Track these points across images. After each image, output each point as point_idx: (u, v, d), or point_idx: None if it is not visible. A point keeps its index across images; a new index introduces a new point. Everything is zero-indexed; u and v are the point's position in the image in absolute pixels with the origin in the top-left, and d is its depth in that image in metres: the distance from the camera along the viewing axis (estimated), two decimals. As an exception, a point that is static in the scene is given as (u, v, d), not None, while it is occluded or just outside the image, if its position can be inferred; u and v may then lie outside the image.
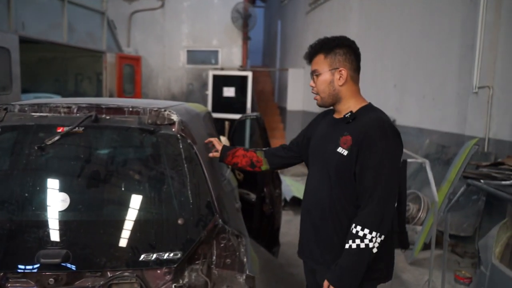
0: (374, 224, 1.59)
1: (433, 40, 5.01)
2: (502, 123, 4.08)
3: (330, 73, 1.74)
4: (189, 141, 1.84)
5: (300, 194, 5.94)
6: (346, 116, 1.73)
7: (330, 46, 1.76)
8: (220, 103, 9.94)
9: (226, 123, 9.22)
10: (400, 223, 3.95)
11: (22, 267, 1.62)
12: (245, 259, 1.78)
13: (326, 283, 1.66)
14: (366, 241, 1.58)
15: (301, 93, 10.34)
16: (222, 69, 10.69)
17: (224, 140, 3.58)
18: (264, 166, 2.05)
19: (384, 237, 1.62)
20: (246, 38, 11.12)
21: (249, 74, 9.98)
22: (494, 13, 4.10)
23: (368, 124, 1.65)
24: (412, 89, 5.44)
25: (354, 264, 1.61)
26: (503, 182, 3.16)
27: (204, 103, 9.58)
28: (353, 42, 1.80)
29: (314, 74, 1.79)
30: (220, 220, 1.77)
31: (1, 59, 5.55)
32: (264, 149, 2.11)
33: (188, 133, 1.87)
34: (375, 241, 1.58)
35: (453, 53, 4.66)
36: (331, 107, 1.85)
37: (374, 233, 1.58)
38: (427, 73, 5.14)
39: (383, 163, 1.61)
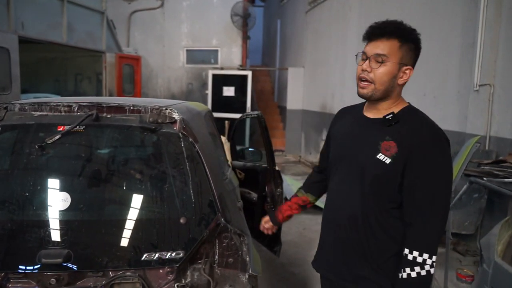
0: (433, 247, 1.42)
1: (433, 38, 5.00)
2: (503, 121, 4.07)
3: (397, 66, 1.48)
4: (190, 139, 1.83)
5: (300, 193, 5.92)
6: (387, 118, 1.51)
7: (407, 35, 1.49)
8: (220, 103, 9.94)
9: (226, 122, 9.21)
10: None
11: (23, 267, 1.61)
12: (247, 258, 1.77)
13: None
14: (427, 267, 1.41)
15: (301, 92, 10.33)
16: (221, 68, 10.68)
17: (223, 139, 3.56)
18: (312, 199, 1.96)
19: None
20: (245, 38, 11.11)
21: (249, 74, 9.97)
22: (495, 11, 4.09)
23: (418, 131, 1.45)
24: (413, 87, 5.43)
25: None
26: (506, 180, 3.16)
27: (204, 102, 9.56)
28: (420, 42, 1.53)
29: (379, 57, 1.47)
30: (222, 219, 1.75)
31: (1, 59, 5.53)
32: (301, 186, 1.99)
33: (189, 131, 1.85)
34: (433, 264, 1.42)
35: (454, 51, 4.65)
36: (360, 105, 1.66)
37: (434, 257, 1.42)
38: (427, 72, 5.13)
39: (440, 179, 1.43)
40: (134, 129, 1.86)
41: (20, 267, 1.61)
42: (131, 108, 1.90)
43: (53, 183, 1.77)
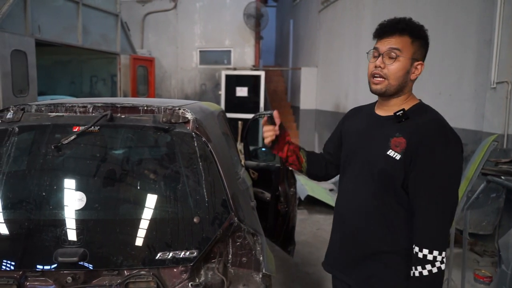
0: (441, 243, 1.41)
1: (448, 35, 4.93)
2: (522, 119, 3.99)
3: (410, 61, 1.49)
4: (203, 139, 1.84)
5: (314, 193, 5.90)
6: (397, 114, 1.52)
7: (418, 32, 1.50)
8: (233, 103, 9.96)
9: (239, 123, 9.22)
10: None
11: (41, 266, 1.64)
12: (261, 258, 1.77)
13: None
14: (438, 263, 1.40)
15: (314, 92, 10.29)
16: (234, 69, 10.70)
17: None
18: (304, 159, 1.81)
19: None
20: (258, 38, 11.11)
21: (262, 74, 9.97)
22: (512, 6, 4.01)
23: (425, 127, 1.46)
24: (428, 86, 5.36)
25: None
26: (524, 179, 3.09)
27: (217, 103, 9.59)
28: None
29: (392, 53, 1.49)
30: (235, 218, 1.76)
31: (18, 62, 5.64)
32: (307, 151, 1.87)
33: (202, 131, 1.86)
34: (443, 260, 1.42)
35: (470, 49, 4.57)
36: (372, 103, 1.68)
37: (444, 253, 1.41)
38: (443, 70, 5.06)
39: (445, 174, 1.42)
40: (148, 129, 1.87)
41: (38, 266, 1.64)
42: (145, 108, 1.92)
43: (69, 183, 1.79)
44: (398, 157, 1.46)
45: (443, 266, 1.41)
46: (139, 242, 1.69)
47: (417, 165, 1.44)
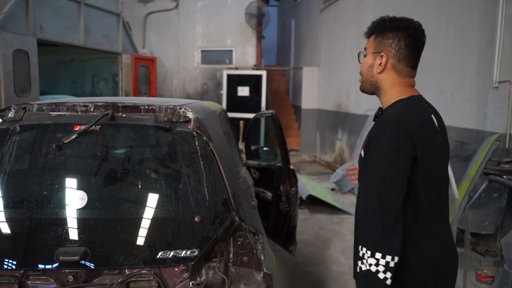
0: (369, 242, 1.31)
1: (450, 34, 4.92)
2: (524, 118, 3.98)
3: (373, 56, 1.54)
4: (205, 138, 1.84)
5: (315, 192, 5.90)
6: (376, 113, 1.57)
7: (384, 27, 1.52)
8: (235, 103, 9.96)
9: (241, 122, 9.22)
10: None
11: (42, 264, 1.64)
12: (262, 257, 1.77)
13: None
14: (365, 262, 1.31)
15: (316, 92, 10.28)
16: (236, 68, 10.70)
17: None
18: None
19: (398, 263, 1.31)
20: (260, 37, 11.10)
21: (264, 73, 9.97)
22: (515, 5, 4.00)
23: (376, 123, 1.47)
24: (430, 85, 5.35)
25: None
26: (526, 179, 3.08)
27: (219, 102, 9.59)
28: (415, 29, 1.50)
29: (361, 54, 1.60)
30: (236, 218, 1.75)
31: (20, 61, 5.65)
32: None
33: (203, 130, 1.86)
34: (379, 264, 1.28)
35: (472, 48, 4.56)
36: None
37: (377, 255, 1.29)
38: (444, 69, 5.05)
39: (374, 165, 1.37)
40: (149, 128, 1.87)
41: (39, 264, 1.64)
42: (146, 107, 1.92)
43: (70, 182, 1.79)
44: (363, 154, 1.49)
45: (373, 269, 1.29)
46: (140, 241, 1.70)
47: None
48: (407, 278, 1.38)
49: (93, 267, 1.64)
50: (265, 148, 3.60)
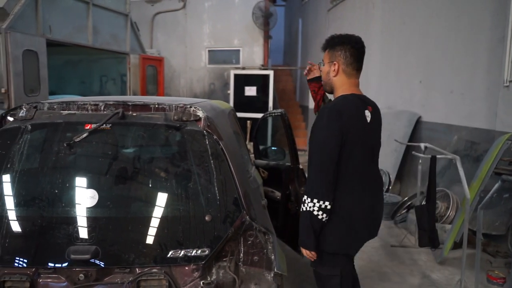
0: (310, 191, 1.90)
1: (460, 33, 4.87)
2: (536, 117, 3.93)
3: (328, 65, 2.11)
4: (215, 137, 1.83)
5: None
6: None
7: (333, 43, 2.10)
8: (242, 102, 9.95)
9: (248, 122, 9.21)
10: (429, 221, 3.86)
11: (53, 263, 1.64)
12: (272, 257, 1.76)
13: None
14: (305, 205, 1.90)
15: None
16: (243, 68, 10.70)
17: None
18: None
19: (330, 207, 1.88)
20: (267, 37, 11.09)
21: (271, 73, 9.95)
22: (526, 4, 3.95)
23: (320, 110, 2.06)
24: (439, 84, 5.30)
25: (301, 225, 1.95)
26: (539, 179, 3.04)
27: (226, 102, 9.58)
28: (356, 42, 2.08)
29: (321, 63, 2.19)
30: (247, 217, 1.75)
31: (30, 61, 5.69)
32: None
33: (214, 129, 1.85)
34: (315, 206, 1.88)
35: (482, 47, 4.51)
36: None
37: (309, 199, 1.89)
38: (454, 68, 5.00)
39: (313, 139, 1.95)
40: (159, 127, 1.87)
41: (50, 263, 1.64)
42: (156, 106, 1.91)
43: (81, 181, 1.80)
44: None
45: (310, 208, 1.88)
46: (150, 240, 1.69)
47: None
48: (340, 219, 1.97)
49: (103, 266, 1.64)
50: (273, 148, 3.59)
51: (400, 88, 6.34)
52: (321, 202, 1.86)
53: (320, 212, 1.87)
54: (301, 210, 1.92)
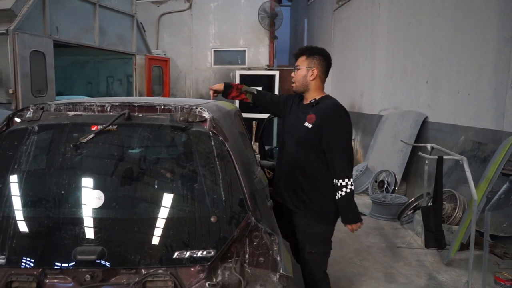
0: (348, 174, 2.35)
1: (467, 33, 4.83)
2: (544, 118, 3.89)
3: (306, 69, 2.48)
4: (221, 138, 1.83)
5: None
6: (311, 102, 2.49)
7: (312, 51, 2.50)
8: (248, 103, 9.95)
9: (254, 122, 9.21)
10: (436, 222, 3.84)
11: (59, 263, 1.65)
12: (278, 258, 1.76)
13: (348, 226, 2.44)
14: (349, 186, 2.34)
15: (329, 91, 10.06)
16: (249, 68, 10.70)
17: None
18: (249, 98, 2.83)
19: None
20: (273, 38, 11.08)
21: (276, 74, 9.95)
22: (534, 3, 3.92)
23: (326, 108, 2.42)
24: (446, 85, 5.27)
25: (351, 203, 2.38)
26: (547, 180, 3.01)
27: (232, 102, 9.59)
28: (328, 54, 2.54)
29: (296, 68, 2.52)
30: (253, 218, 1.74)
31: (37, 62, 5.73)
32: (255, 92, 2.83)
33: (219, 130, 1.85)
34: (351, 185, 2.35)
35: (489, 47, 4.48)
36: (302, 95, 2.57)
37: (351, 181, 2.35)
38: (461, 68, 4.96)
39: (342, 132, 2.38)
40: (165, 128, 1.88)
41: (56, 263, 1.65)
42: (162, 107, 1.92)
43: (87, 182, 1.80)
44: (310, 126, 2.41)
45: (352, 187, 2.36)
46: (156, 241, 1.69)
47: (325, 132, 2.37)
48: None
49: (109, 267, 1.65)
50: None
51: (406, 88, 6.31)
52: (351, 180, 2.37)
53: (353, 188, 2.38)
54: (344, 192, 2.34)
